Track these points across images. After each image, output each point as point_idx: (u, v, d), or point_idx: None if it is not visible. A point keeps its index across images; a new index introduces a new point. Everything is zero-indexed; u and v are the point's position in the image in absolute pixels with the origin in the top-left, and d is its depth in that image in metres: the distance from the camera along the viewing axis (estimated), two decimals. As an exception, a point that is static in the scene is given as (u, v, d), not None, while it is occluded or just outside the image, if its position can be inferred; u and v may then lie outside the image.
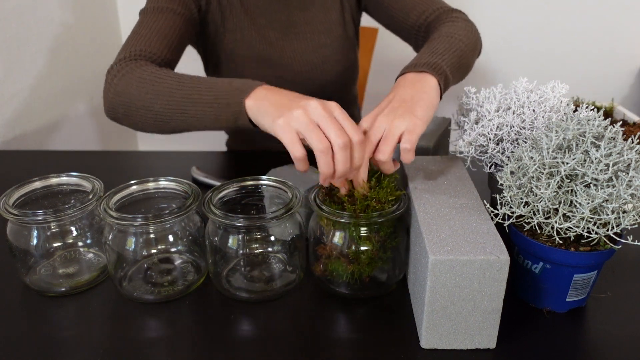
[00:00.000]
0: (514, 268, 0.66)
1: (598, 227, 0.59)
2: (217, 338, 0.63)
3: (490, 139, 0.73)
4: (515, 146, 0.73)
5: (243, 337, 0.64)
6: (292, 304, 0.69)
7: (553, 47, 1.85)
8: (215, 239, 0.68)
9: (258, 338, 0.64)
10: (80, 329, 0.65)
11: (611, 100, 1.20)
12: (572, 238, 0.62)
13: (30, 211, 0.67)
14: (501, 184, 0.63)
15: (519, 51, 1.85)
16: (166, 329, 0.65)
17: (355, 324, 0.66)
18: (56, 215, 0.67)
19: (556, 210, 0.60)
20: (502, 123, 0.73)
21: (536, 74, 1.82)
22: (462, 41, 0.88)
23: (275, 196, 0.74)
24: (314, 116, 0.63)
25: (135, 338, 0.64)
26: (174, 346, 0.62)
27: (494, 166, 0.76)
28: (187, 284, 0.71)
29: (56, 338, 0.64)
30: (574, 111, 0.76)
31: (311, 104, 0.64)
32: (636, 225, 0.58)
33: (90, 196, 0.70)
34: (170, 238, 0.71)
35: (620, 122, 0.81)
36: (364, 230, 0.66)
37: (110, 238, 0.68)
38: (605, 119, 0.62)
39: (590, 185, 0.59)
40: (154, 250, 0.72)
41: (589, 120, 0.61)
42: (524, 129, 0.73)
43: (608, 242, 0.61)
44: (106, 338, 0.64)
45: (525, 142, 0.69)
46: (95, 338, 0.64)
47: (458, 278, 0.57)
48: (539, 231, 0.63)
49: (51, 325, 0.66)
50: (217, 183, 0.94)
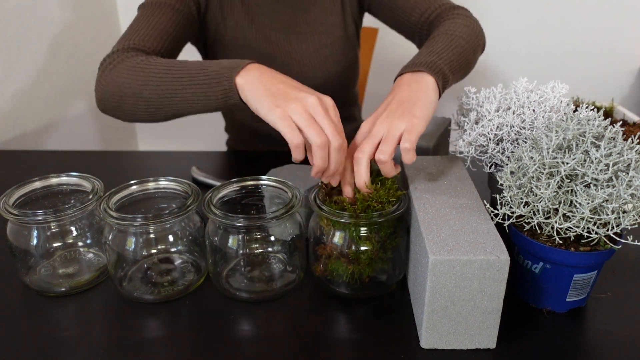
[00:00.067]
0: (514, 268, 0.66)
1: (598, 227, 0.59)
2: (217, 338, 0.63)
3: (490, 139, 0.73)
4: (515, 146, 0.73)
5: (243, 337, 0.64)
6: (292, 304, 0.69)
7: (553, 47, 1.85)
8: (215, 239, 0.68)
9: (258, 338, 0.64)
10: (80, 329, 0.65)
11: (611, 100, 1.20)
12: (572, 238, 0.62)
13: (30, 211, 0.67)
14: (501, 184, 0.63)
15: (519, 51, 1.85)
16: (166, 329, 0.65)
17: (355, 324, 0.66)
18: (56, 215, 0.67)
19: (556, 210, 0.60)
20: (502, 123, 0.73)
21: (536, 74, 1.82)
22: (462, 38, 0.88)
23: (275, 196, 0.74)
24: (312, 111, 0.65)
25: (135, 338, 0.64)
26: (174, 346, 0.62)
27: (494, 166, 0.76)
28: (187, 284, 0.71)
29: (56, 338, 0.64)
30: (574, 111, 0.76)
31: (310, 99, 0.66)
32: (636, 225, 0.58)
33: (90, 196, 0.70)
34: (170, 238, 0.71)
35: (620, 122, 0.81)
36: (364, 230, 0.66)
37: (110, 238, 0.68)
38: (605, 119, 0.62)
39: (590, 185, 0.59)
40: (154, 250, 0.72)
41: (589, 120, 0.61)
42: (524, 129, 0.73)
43: (608, 242, 0.61)
44: (106, 338, 0.64)
45: (525, 142, 0.69)
46: (95, 338, 0.64)
47: (458, 278, 0.57)
48: (539, 231, 0.63)
49: (51, 325, 0.66)
50: (217, 183, 0.94)
